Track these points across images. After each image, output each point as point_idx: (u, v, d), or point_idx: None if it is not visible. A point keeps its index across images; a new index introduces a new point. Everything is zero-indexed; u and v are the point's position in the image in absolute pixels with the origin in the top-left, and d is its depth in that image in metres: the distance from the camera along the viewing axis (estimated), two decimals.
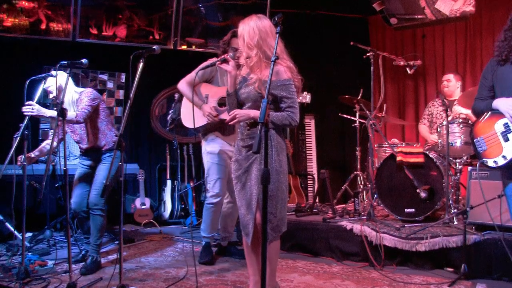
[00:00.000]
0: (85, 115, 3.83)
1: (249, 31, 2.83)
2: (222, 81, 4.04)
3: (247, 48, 2.86)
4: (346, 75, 6.37)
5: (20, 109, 3.69)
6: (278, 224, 2.88)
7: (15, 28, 5.52)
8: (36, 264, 3.77)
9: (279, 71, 2.81)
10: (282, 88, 2.81)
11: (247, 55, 2.88)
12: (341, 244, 4.21)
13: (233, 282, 3.57)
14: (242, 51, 2.93)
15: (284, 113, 2.83)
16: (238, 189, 2.98)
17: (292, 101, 2.83)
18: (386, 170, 4.56)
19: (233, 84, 2.98)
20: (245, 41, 2.86)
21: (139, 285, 3.47)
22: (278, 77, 2.81)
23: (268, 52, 2.83)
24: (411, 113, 6.51)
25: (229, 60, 2.98)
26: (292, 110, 2.82)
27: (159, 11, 6.05)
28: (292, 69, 2.89)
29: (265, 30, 2.83)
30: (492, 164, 2.96)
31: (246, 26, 2.87)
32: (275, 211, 2.85)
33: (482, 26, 5.92)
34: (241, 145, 2.96)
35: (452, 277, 3.56)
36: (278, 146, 2.87)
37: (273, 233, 2.87)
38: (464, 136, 4.37)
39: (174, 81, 4.09)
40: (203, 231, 4.19)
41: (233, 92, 2.97)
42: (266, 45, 2.83)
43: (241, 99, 2.97)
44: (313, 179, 6.07)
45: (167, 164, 6.33)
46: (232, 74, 2.96)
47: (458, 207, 4.36)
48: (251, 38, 2.82)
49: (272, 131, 2.85)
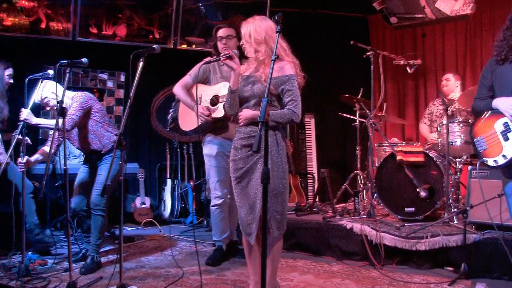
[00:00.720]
0: (72, 122, 3.77)
1: (255, 28, 2.87)
2: (216, 79, 4.02)
3: (256, 43, 2.88)
4: (346, 74, 6.37)
5: (20, 108, 3.70)
6: (282, 222, 2.90)
7: (15, 27, 5.52)
8: (36, 263, 3.78)
9: (284, 66, 2.85)
10: (285, 82, 2.84)
11: (256, 49, 2.90)
12: (341, 243, 4.21)
13: (233, 281, 3.58)
14: (245, 47, 2.94)
15: (285, 110, 2.84)
16: (239, 189, 2.95)
17: (294, 95, 2.84)
18: (386, 169, 4.56)
19: (237, 82, 2.97)
20: (252, 37, 2.88)
21: (139, 284, 3.47)
22: (283, 73, 2.84)
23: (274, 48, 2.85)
24: (411, 112, 6.50)
25: (234, 57, 2.95)
26: (294, 104, 2.84)
27: (159, 10, 6.05)
28: (297, 65, 2.93)
29: (270, 27, 2.87)
30: (492, 163, 2.96)
31: (251, 24, 2.90)
32: (281, 209, 2.87)
33: (482, 25, 5.92)
34: (241, 144, 2.95)
35: (452, 276, 3.56)
36: (282, 145, 2.90)
37: (277, 231, 2.89)
38: (464, 135, 4.37)
39: (174, 80, 4.09)
40: (213, 235, 4.20)
41: (236, 90, 2.96)
42: (272, 41, 2.84)
43: (244, 97, 2.96)
44: (313, 178, 6.07)
45: (167, 163, 6.33)
46: (237, 71, 2.95)
47: (458, 206, 4.36)
48: (259, 34, 2.86)
49: (277, 130, 2.88)
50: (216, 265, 4.03)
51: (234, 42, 3.96)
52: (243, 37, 2.96)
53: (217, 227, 4.13)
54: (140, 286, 3.40)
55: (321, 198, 5.67)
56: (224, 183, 4.04)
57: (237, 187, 2.97)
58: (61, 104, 3.28)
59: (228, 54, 2.96)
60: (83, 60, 3.42)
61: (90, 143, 3.97)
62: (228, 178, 4.00)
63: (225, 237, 4.15)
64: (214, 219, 4.13)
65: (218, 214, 4.09)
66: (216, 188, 4.06)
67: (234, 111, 3.00)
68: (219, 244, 4.18)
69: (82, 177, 4.08)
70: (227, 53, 2.97)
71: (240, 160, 2.94)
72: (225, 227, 4.15)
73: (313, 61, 6.18)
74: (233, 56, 2.96)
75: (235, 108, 2.99)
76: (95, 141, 3.97)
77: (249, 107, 2.94)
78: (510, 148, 2.87)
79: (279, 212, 2.86)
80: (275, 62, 2.72)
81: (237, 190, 2.97)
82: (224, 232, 4.15)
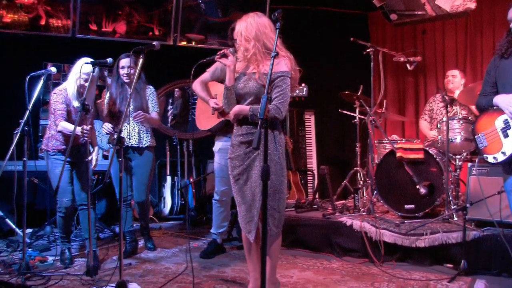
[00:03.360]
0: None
1: (246, 25, 2.86)
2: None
3: (245, 41, 2.87)
4: (346, 71, 6.36)
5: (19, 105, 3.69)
6: (280, 220, 2.90)
7: (15, 24, 5.50)
8: (36, 260, 3.78)
9: (280, 62, 2.82)
10: (278, 78, 2.81)
11: (245, 48, 2.89)
12: (341, 240, 4.21)
13: (232, 277, 3.58)
14: (239, 46, 2.93)
15: (270, 105, 2.78)
16: (238, 186, 2.95)
17: (283, 93, 2.81)
18: (386, 166, 4.56)
19: (232, 78, 2.97)
20: (243, 35, 2.88)
21: (139, 280, 3.48)
22: (278, 69, 2.81)
23: (268, 43, 2.85)
24: (411, 109, 6.50)
25: (228, 54, 2.98)
26: (280, 101, 2.79)
27: (159, 7, 6.03)
28: (292, 60, 2.91)
29: (263, 24, 2.86)
30: (492, 160, 2.97)
31: (243, 22, 2.90)
32: (279, 207, 2.87)
33: (482, 21, 5.90)
34: (238, 141, 2.94)
35: (452, 273, 3.57)
36: (280, 142, 2.89)
37: (275, 229, 2.89)
38: (464, 133, 4.37)
39: (174, 77, 4.10)
40: (212, 227, 4.33)
41: (231, 86, 2.97)
42: (265, 37, 2.85)
43: (240, 94, 2.96)
44: (313, 175, 6.07)
45: (166, 160, 6.32)
46: (231, 68, 2.96)
47: (457, 203, 4.36)
48: (249, 31, 2.85)
49: (274, 126, 2.87)
50: (208, 258, 4.14)
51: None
52: (235, 36, 2.96)
53: (214, 220, 4.29)
54: (140, 283, 3.40)
55: (321, 195, 5.68)
56: (224, 180, 4.11)
57: (236, 185, 2.97)
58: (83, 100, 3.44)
59: (223, 52, 2.99)
60: (107, 60, 3.50)
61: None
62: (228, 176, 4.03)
63: (221, 231, 4.28)
64: (213, 212, 4.30)
65: (217, 208, 4.25)
66: (216, 184, 4.22)
67: (231, 108, 2.99)
68: (214, 237, 4.28)
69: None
70: (222, 51, 3.00)
71: (238, 158, 2.94)
72: (222, 222, 4.28)
73: (313, 58, 6.18)
74: (227, 53, 2.98)
75: (232, 105, 2.98)
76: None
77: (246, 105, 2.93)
78: (509, 145, 2.88)
79: (277, 209, 2.86)
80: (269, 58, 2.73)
81: (235, 188, 2.97)
82: (221, 227, 4.27)
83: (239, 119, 2.95)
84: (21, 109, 3.72)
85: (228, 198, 4.22)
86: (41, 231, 4.89)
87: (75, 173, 4.00)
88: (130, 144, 4.21)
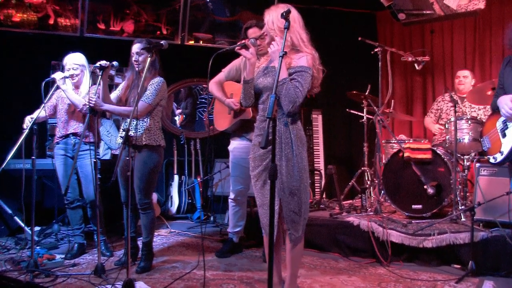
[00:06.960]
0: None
1: (278, 16, 2.70)
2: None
3: (280, 31, 2.75)
4: (354, 70, 6.34)
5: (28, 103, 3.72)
6: (299, 223, 2.79)
7: (24, 23, 5.55)
8: (44, 257, 3.81)
9: (301, 58, 2.75)
10: (295, 73, 2.71)
11: (272, 38, 2.78)
12: (348, 240, 4.20)
13: (239, 277, 3.58)
14: (268, 36, 2.82)
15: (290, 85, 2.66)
16: (258, 187, 2.87)
17: (302, 78, 2.69)
18: (393, 166, 4.55)
19: (252, 72, 2.87)
20: (275, 24, 2.76)
21: (146, 279, 3.49)
22: (298, 63, 2.73)
23: (294, 40, 2.76)
24: (419, 109, 6.47)
25: (249, 45, 2.87)
26: (298, 84, 2.66)
27: (167, 6, 6.05)
28: (315, 59, 2.82)
29: (293, 18, 2.74)
30: (492, 160, 3.00)
31: (274, 12, 2.78)
32: (299, 210, 2.76)
33: (491, 21, 5.86)
34: (257, 140, 2.83)
35: (460, 274, 3.55)
36: (299, 142, 2.77)
37: (295, 232, 2.78)
38: (472, 133, 4.34)
39: (181, 76, 4.11)
40: (228, 227, 4.33)
41: (251, 80, 2.86)
42: (293, 31, 2.76)
43: (258, 88, 2.86)
44: (320, 174, 6.06)
45: (174, 159, 6.34)
46: (252, 61, 2.86)
47: (465, 204, 4.34)
48: (281, 22, 2.68)
49: (294, 124, 2.76)
50: (223, 256, 4.12)
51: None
52: (266, 23, 2.82)
53: (230, 219, 4.26)
54: (146, 281, 3.41)
55: (328, 194, 5.67)
56: (238, 179, 4.11)
57: (256, 185, 2.89)
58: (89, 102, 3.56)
59: (243, 43, 2.88)
60: (114, 63, 3.65)
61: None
62: (243, 175, 4.03)
63: (237, 230, 4.24)
64: (229, 212, 4.26)
65: (232, 208, 4.21)
66: (232, 183, 4.19)
67: (248, 103, 2.91)
68: (230, 236, 4.25)
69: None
70: (243, 42, 2.90)
71: (257, 158, 2.85)
72: (238, 221, 4.23)
73: (320, 57, 6.12)
74: (248, 45, 2.88)
75: (249, 100, 2.90)
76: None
77: (264, 101, 2.83)
78: (507, 145, 2.89)
79: (296, 212, 2.75)
80: (295, 53, 2.69)
81: (256, 188, 2.90)
82: (237, 226, 4.23)
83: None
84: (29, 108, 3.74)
85: (243, 197, 4.19)
86: (49, 229, 4.92)
87: (80, 174, 4.09)
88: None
